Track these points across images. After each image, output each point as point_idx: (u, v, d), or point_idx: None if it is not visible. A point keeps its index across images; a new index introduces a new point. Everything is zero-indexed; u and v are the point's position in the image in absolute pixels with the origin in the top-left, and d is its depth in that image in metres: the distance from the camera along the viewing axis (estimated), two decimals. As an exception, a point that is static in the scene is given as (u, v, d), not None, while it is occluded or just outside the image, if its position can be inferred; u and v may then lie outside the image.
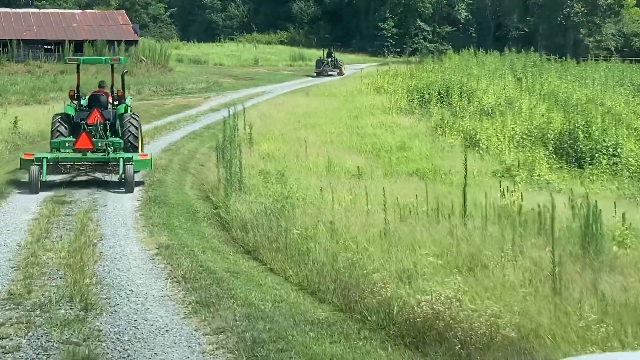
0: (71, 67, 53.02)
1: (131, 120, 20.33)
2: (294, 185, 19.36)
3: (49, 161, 18.58)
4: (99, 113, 19.83)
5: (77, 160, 19.06)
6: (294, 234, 13.37)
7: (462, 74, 40.96)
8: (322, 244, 13.13)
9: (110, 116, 20.16)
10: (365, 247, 12.80)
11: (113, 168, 19.11)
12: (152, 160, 20.36)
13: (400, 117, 33.74)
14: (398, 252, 12.15)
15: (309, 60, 72.55)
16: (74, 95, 20.98)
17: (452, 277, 9.97)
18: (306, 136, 29.50)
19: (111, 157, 18.99)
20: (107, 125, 19.88)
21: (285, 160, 24.75)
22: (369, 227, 14.21)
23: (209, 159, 26.37)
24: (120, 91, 21.30)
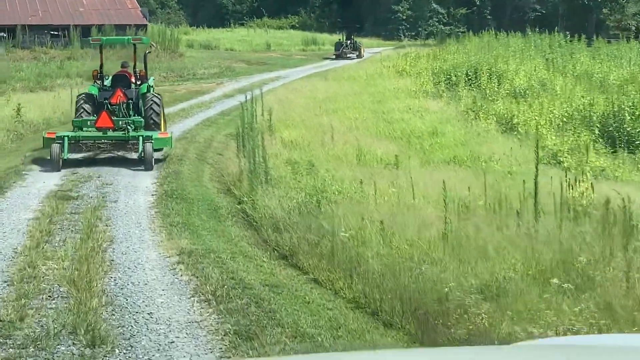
0: (77, 52, 51.19)
1: (153, 99, 20.46)
2: (326, 177, 17.18)
3: (70, 139, 18.79)
4: (122, 93, 20.06)
5: (97, 139, 19.22)
6: (341, 236, 11.17)
7: (489, 56, 38.64)
8: (374, 249, 10.96)
9: (133, 96, 20.36)
10: (426, 252, 10.63)
11: (133, 146, 19.18)
12: (173, 139, 20.40)
13: (427, 100, 31.49)
14: (470, 260, 9.97)
15: (321, 44, 70.35)
16: (97, 75, 21.25)
17: (558, 297, 7.77)
18: (329, 122, 27.34)
19: (131, 136, 19.11)
20: (130, 105, 20.12)
21: (310, 148, 22.57)
22: (425, 227, 12.03)
23: (227, 147, 24.27)
24: (143, 71, 21.41)
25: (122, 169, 19.52)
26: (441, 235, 11.25)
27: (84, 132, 19.32)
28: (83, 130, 19.37)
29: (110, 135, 19.27)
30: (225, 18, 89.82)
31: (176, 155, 21.68)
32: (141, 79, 21.15)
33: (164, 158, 20.14)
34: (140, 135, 19.09)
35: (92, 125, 19.33)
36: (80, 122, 19.58)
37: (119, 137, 19.31)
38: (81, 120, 19.68)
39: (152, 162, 18.78)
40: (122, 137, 19.29)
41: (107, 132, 19.23)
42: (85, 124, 19.48)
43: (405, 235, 11.50)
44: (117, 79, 20.95)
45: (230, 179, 18.72)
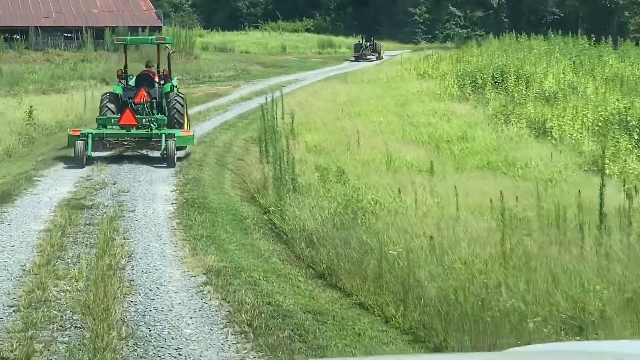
0: (91, 54, 50.06)
1: (177, 98, 20.59)
2: (357, 185, 15.93)
3: (94, 137, 18.92)
4: (145, 92, 20.25)
5: (120, 136, 19.28)
6: (389, 254, 9.89)
7: (514, 58, 37.29)
8: (425, 268, 9.68)
9: (156, 95, 20.51)
10: (485, 273, 9.34)
11: (156, 144, 19.21)
12: (195, 137, 20.50)
13: (453, 104, 30.18)
14: (539, 283, 8.68)
15: (337, 47, 69.15)
16: (121, 74, 21.39)
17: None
18: (352, 126, 26.09)
19: (154, 133, 19.18)
20: (154, 104, 20.26)
21: (335, 153, 21.32)
22: (478, 243, 10.75)
23: (248, 152, 23.06)
24: (167, 70, 21.55)
25: (138, 174, 18.33)
26: (500, 253, 9.96)
27: (108, 130, 19.42)
28: (107, 128, 19.49)
29: (133, 132, 19.33)
30: (239, 21, 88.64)
31: (195, 160, 20.49)
32: (165, 79, 21.27)
33: (185, 156, 19.98)
34: (163, 132, 19.12)
35: (115, 123, 19.47)
36: (105, 120, 19.72)
37: (142, 134, 19.34)
38: (105, 118, 19.82)
39: (174, 159, 18.85)
40: (145, 134, 19.33)
41: (131, 129, 19.34)
42: (109, 121, 19.63)
43: (458, 253, 10.23)
44: (141, 78, 21.12)
45: (253, 186, 17.48)
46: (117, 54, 50.60)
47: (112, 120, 19.66)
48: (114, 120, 19.61)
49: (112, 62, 48.28)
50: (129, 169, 19.12)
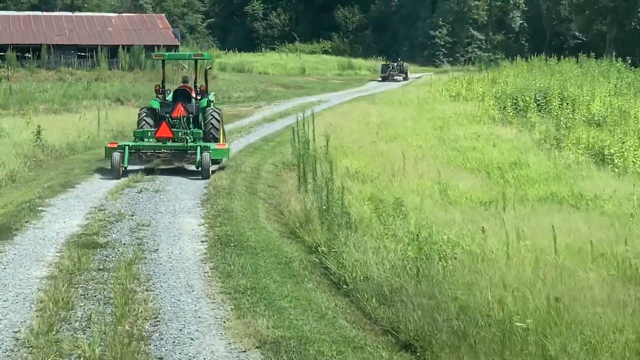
0: (105, 73, 47.63)
1: (213, 113, 20.64)
2: (420, 220, 13.30)
3: (130, 149, 19.00)
4: (182, 107, 20.20)
5: (157, 148, 19.31)
6: (516, 326, 7.21)
7: (556, 79, 34.65)
8: (556, 341, 7.03)
9: (193, 110, 20.52)
10: None
11: (191, 156, 19.24)
12: (230, 150, 20.68)
13: (495, 127, 27.56)
14: None
15: (357, 69, 66.71)
16: (159, 89, 21.31)
17: None
18: (390, 150, 23.61)
19: (189, 146, 19.20)
20: (190, 119, 20.24)
21: (380, 180, 18.74)
22: (608, 305, 8.10)
23: (279, 178, 20.51)
24: (204, 86, 21.59)
25: (159, 203, 15.78)
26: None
27: (145, 142, 19.47)
28: (144, 141, 19.50)
29: (169, 145, 19.37)
30: (255, 42, 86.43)
31: (223, 187, 17.91)
32: (201, 94, 21.32)
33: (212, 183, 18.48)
34: (199, 145, 19.15)
35: (152, 136, 19.55)
36: (142, 133, 19.80)
37: (178, 146, 19.32)
38: (142, 130, 19.89)
39: (209, 171, 18.88)
40: (181, 146, 19.30)
41: (167, 142, 19.41)
42: (146, 134, 19.68)
43: (585, 321, 7.57)
44: (178, 93, 21.10)
45: (293, 219, 14.86)
46: (132, 74, 48.34)
47: (149, 132, 19.66)
48: (151, 132, 19.61)
49: (127, 81, 45.96)
50: (148, 197, 16.56)
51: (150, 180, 18.82)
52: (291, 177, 19.97)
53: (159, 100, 20.96)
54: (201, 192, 17.41)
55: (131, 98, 39.65)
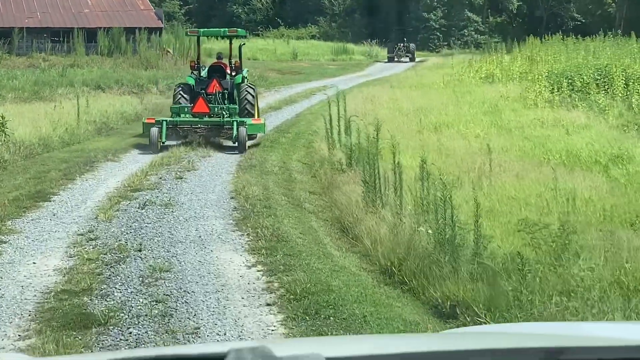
0: (82, 59, 41.96)
1: (247, 89, 20.46)
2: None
3: (168, 124, 18.82)
4: (217, 83, 19.98)
5: (194, 124, 19.10)
6: None
7: (600, 58, 29.63)
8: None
9: (228, 86, 20.25)
10: None
11: (227, 131, 18.88)
12: (266, 125, 20.30)
13: (557, 111, 22.46)
14: None
15: (352, 54, 61.40)
16: (194, 66, 21.35)
17: None
18: (448, 142, 18.64)
19: (226, 121, 18.93)
20: (225, 94, 20.06)
21: (466, 186, 13.55)
22: None
23: (316, 181, 15.39)
24: (238, 62, 21.30)
25: (175, 225, 10.63)
26: None
27: (182, 118, 19.26)
28: (180, 116, 19.28)
29: (206, 120, 19.15)
30: (238, 28, 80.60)
31: (256, 196, 12.79)
32: (236, 70, 20.95)
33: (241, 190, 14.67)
34: (235, 120, 18.88)
35: (189, 111, 19.33)
36: (178, 109, 19.60)
37: (214, 121, 19.09)
38: (179, 106, 19.64)
39: (245, 145, 18.52)
40: (217, 121, 19.04)
41: (203, 117, 19.18)
42: (182, 110, 19.46)
43: None
44: (213, 69, 20.87)
45: (382, 251, 9.65)
46: (112, 59, 42.80)
47: (185, 108, 19.36)
48: (187, 108, 19.34)
49: (106, 67, 40.42)
50: (157, 215, 11.39)
51: (154, 187, 13.61)
52: (335, 180, 14.75)
53: (194, 76, 20.65)
54: (230, 205, 12.24)
55: (113, 85, 34.16)
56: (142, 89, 33.75)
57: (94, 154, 17.66)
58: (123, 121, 24.46)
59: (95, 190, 13.61)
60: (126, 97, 30.31)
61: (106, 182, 14.55)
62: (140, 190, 13.45)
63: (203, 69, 21.00)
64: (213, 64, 21.32)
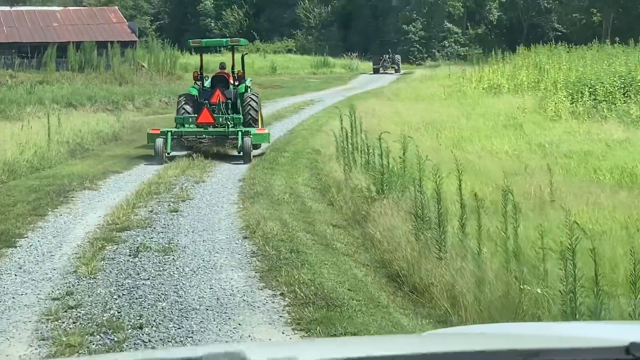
0: (52, 75, 38.97)
1: (251, 98, 19.97)
2: None
3: (173, 135, 18.50)
4: (220, 92, 19.68)
5: (198, 134, 18.76)
6: None
7: (614, 65, 27.21)
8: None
9: (231, 95, 19.97)
10: None
11: (232, 141, 18.66)
12: (270, 135, 19.70)
13: (588, 123, 19.98)
14: None
15: (332, 67, 58.90)
16: (197, 76, 20.91)
17: None
18: (474, 160, 16.16)
19: (231, 131, 18.65)
20: (229, 104, 19.75)
21: (521, 213, 10.91)
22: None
23: (334, 210, 12.85)
24: (241, 71, 20.87)
25: (184, 282, 7.96)
26: None
27: (187, 128, 19.00)
28: (184, 127, 19.03)
29: (211, 130, 18.88)
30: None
31: (275, 235, 10.09)
32: (239, 80, 20.62)
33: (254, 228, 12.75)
34: (240, 130, 18.58)
35: (193, 121, 19.10)
36: (182, 119, 19.32)
37: (219, 131, 18.84)
38: (183, 117, 19.35)
39: (250, 155, 18.23)
40: (222, 131, 18.80)
41: (208, 127, 18.92)
42: (187, 120, 19.21)
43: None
44: (216, 79, 20.63)
45: (463, 313, 6.98)
46: (84, 74, 39.88)
47: (190, 119, 19.13)
48: (192, 118, 19.10)
49: (78, 83, 37.52)
50: (154, 267, 8.82)
51: (145, 224, 10.94)
52: (362, 210, 12.10)
53: (197, 87, 20.33)
54: (245, 248, 9.65)
55: (86, 102, 31.31)
56: (118, 106, 30.96)
57: (68, 181, 14.90)
58: (99, 141, 21.69)
59: (72, 230, 10.85)
60: (101, 115, 27.50)
61: (85, 217, 11.80)
62: (129, 228, 10.71)
63: (206, 79, 20.78)
64: (216, 74, 20.93)
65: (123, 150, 20.74)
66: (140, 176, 16.38)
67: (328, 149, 19.09)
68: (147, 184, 14.81)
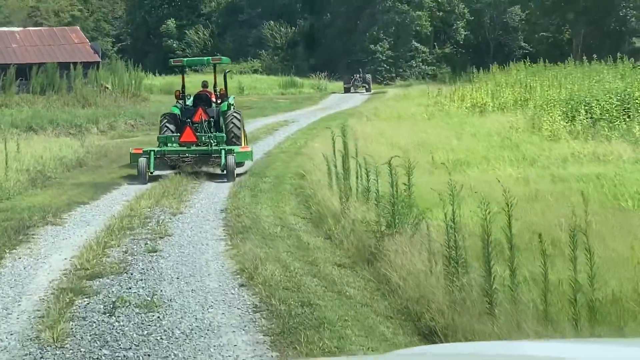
0: (12, 99, 36.89)
1: (234, 115, 19.83)
2: None
3: (156, 154, 18.26)
4: (203, 111, 19.44)
5: (181, 153, 18.59)
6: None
7: (604, 83, 25.86)
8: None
9: (214, 114, 19.74)
10: None
11: (215, 160, 18.45)
12: (252, 153, 19.56)
13: (591, 143, 18.51)
14: None
15: (301, 87, 57.35)
16: (179, 95, 20.72)
17: None
18: (481, 186, 14.55)
19: (214, 150, 18.49)
20: (212, 122, 19.49)
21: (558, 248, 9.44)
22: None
23: (339, 249, 11.10)
24: (223, 90, 20.76)
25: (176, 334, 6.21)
26: None
27: (169, 147, 18.71)
28: (167, 146, 18.76)
29: (194, 149, 18.59)
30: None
31: (278, 282, 8.47)
32: (221, 98, 20.32)
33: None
34: (223, 148, 18.27)
35: (176, 140, 18.86)
36: (165, 138, 19.09)
37: (202, 150, 18.59)
38: (166, 136, 19.11)
39: (234, 174, 17.93)
40: (205, 150, 18.54)
41: (191, 146, 18.67)
42: (169, 139, 18.98)
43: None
44: (198, 98, 20.20)
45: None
46: (45, 97, 37.85)
47: (173, 138, 18.90)
48: (175, 137, 18.87)
49: (39, 105, 35.54)
50: (139, 328, 7.15)
51: (120, 269, 9.26)
52: (371, 245, 10.47)
53: (179, 105, 20.07)
54: (245, 300, 8.04)
55: (47, 125, 29.42)
56: (81, 130, 29.05)
57: (28, 215, 13.09)
58: (62, 168, 19.82)
59: (33, 277, 9.09)
60: (64, 139, 25.59)
61: (48, 260, 10.04)
62: (101, 275, 8.98)
63: (188, 98, 20.43)
64: (198, 93, 20.58)
65: (89, 177, 18.94)
66: (109, 207, 14.63)
67: (313, 174, 17.47)
68: (118, 218, 13.07)
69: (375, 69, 66.04)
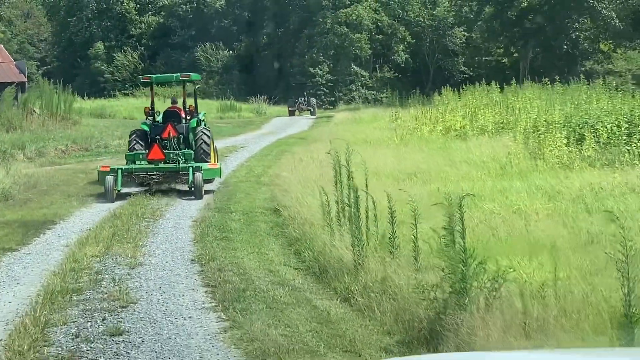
0: None
1: (203, 131, 19.47)
2: None
3: (123, 172, 18.08)
4: (172, 127, 19.13)
5: (149, 171, 18.32)
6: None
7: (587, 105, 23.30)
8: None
9: (183, 130, 19.45)
10: None
11: (184, 177, 18.19)
12: (222, 169, 19.39)
13: (621, 172, 15.72)
14: None
15: (239, 111, 54.17)
16: (148, 112, 20.52)
17: None
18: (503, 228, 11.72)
19: (182, 167, 18.25)
20: (181, 139, 19.19)
21: None
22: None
23: (370, 320, 8.00)
24: (192, 106, 20.27)
25: None
26: None
27: (137, 165, 18.38)
28: (135, 164, 18.41)
29: (161, 167, 18.30)
30: (104, 87, 72.11)
31: None
32: (191, 114, 19.93)
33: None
34: (190, 166, 18.03)
35: (144, 158, 18.51)
36: (133, 156, 18.70)
37: (170, 168, 18.32)
38: (134, 153, 18.73)
39: (202, 191, 17.63)
40: (173, 168, 18.29)
41: (159, 164, 18.34)
42: (137, 157, 18.59)
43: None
44: (167, 114, 19.83)
45: None
46: None
47: (141, 155, 18.49)
48: (142, 155, 18.47)
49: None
50: None
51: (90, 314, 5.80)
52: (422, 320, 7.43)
53: (148, 122, 19.80)
54: None
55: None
56: (6, 156, 25.38)
57: None
58: (-17, 203, 16.30)
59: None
60: (-16, 168, 21.90)
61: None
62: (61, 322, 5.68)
63: (158, 114, 20.19)
64: (168, 109, 20.26)
65: (16, 214, 15.50)
66: (45, 256, 11.33)
67: (293, 209, 14.39)
68: (59, 273, 9.77)
69: (315, 93, 63.19)
